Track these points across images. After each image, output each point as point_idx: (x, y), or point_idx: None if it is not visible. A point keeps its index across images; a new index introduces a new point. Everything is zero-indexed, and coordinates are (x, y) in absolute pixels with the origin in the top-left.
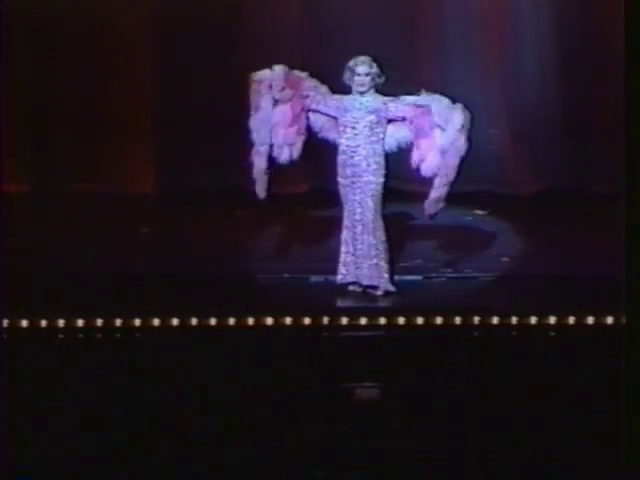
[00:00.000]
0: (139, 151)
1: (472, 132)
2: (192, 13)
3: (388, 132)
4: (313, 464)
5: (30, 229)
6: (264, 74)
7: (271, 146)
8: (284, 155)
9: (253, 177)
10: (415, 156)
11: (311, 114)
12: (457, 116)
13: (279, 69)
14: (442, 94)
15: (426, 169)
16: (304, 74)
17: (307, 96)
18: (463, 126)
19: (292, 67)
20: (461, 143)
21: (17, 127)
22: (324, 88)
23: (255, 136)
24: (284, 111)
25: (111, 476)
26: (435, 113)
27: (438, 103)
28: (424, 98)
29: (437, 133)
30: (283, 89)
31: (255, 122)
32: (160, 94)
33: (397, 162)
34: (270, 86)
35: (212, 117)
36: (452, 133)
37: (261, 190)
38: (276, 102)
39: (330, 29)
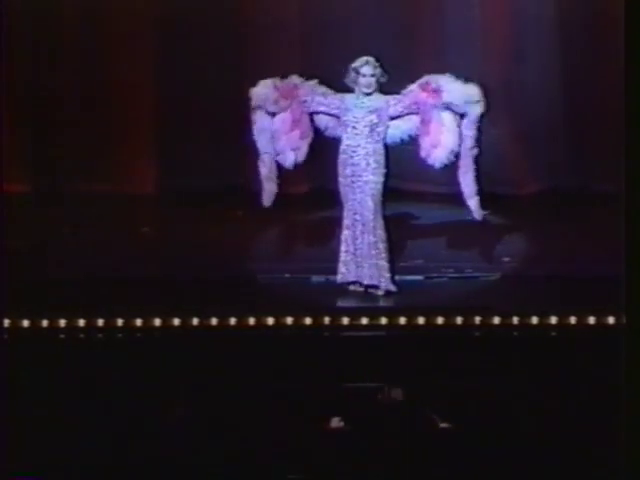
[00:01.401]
0: (139, 151)
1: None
2: (193, 13)
3: (393, 125)
4: (313, 464)
5: (30, 229)
6: (254, 91)
7: (278, 154)
8: (289, 160)
9: (262, 186)
10: (425, 143)
11: (314, 115)
12: (478, 102)
13: (268, 83)
14: None
15: (439, 156)
16: (299, 80)
17: (305, 101)
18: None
19: (292, 68)
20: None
21: (17, 127)
22: (323, 89)
23: (258, 146)
24: (283, 118)
25: (111, 476)
26: (448, 93)
27: (452, 83)
28: (432, 77)
29: (450, 116)
30: (276, 101)
31: (254, 133)
32: (160, 94)
33: (398, 161)
34: (263, 100)
35: (213, 117)
36: (473, 118)
37: (267, 198)
38: (274, 112)
39: (330, 30)
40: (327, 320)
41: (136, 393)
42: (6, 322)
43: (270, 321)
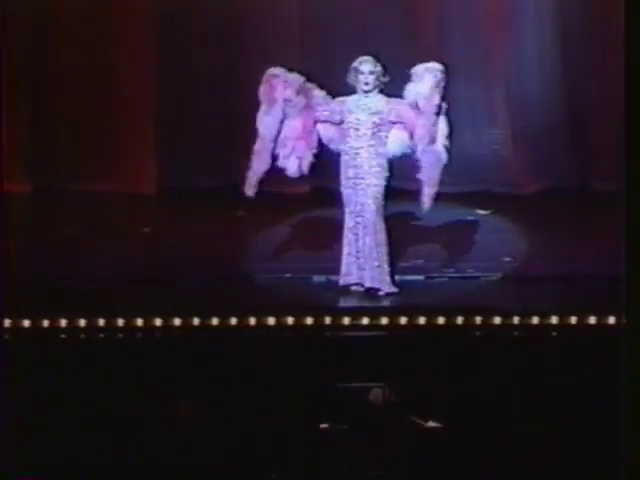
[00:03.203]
0: (140, 151)
1: (474, 132)
2: (193, 13)
3: (393, 135)
4: (313, 463)
5: (30, 229)
6: (282, 70)
7: (274, 147)
8: (292, 168)
9: (247, 175)
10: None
11: (321, 126)
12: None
13: (296, 75)
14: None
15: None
16: (312, 85)
17: (317, 108)
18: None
19: (292, 69)
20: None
21: (17, 127)
22: (329, 97)
23: (261, 131)
24: (294, 125)
25: (111, 476)
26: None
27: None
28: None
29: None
30: (298, 93)
31: (264, 116)
32: (161, 93)
33: (400, 162)
34: (285, 85)
35: (213, 117)
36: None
37: (250, 188)
38: (285, 115)
39: (331, 30)
40: (328, 320)
41: (137, 393)
42: (7, 322)
43: (271, 321)
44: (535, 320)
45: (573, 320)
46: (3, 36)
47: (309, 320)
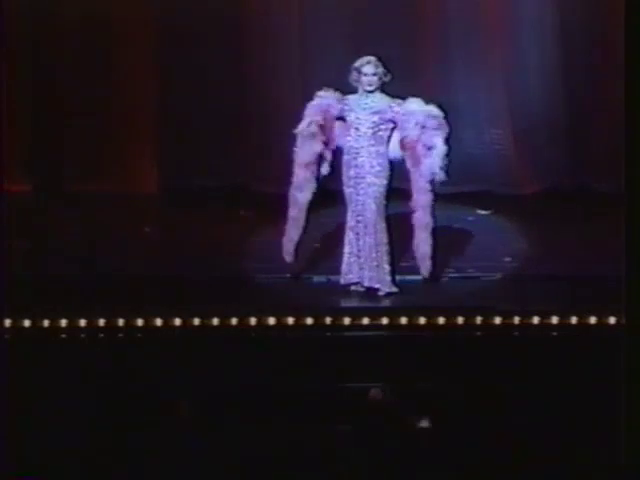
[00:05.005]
0: (140, 151)
1: (474, 132)
2: (194, 13)
3: (392, 143)
4: (313, 464)
5: (30, 229)
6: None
7: (308, 213)
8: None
9: (283, 241)
10: (409, 164)
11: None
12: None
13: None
14: (444, 94)
15: (423, 175)
16: (330, 97)
17: (334, 116)
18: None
19: (293, 67)
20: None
21: (17, 127)
22: (340, 95)
23: (299, 198)
24: (311, 150)
25: (111, 476)
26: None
27: (418, 115)
28: (409, 105)
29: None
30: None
31: (301, 187)
32: (161, 94)
33: (401, 162)
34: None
35: (214, 117)
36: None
37: (288, 255)
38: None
39: (332, 31)
40: (328, 320)
41: (137, 393)
42: (7, 322)
43: (271, 321)
44: (535, 320)
45: (573, 320)
46: (3, 36)
47: (309, 320)
